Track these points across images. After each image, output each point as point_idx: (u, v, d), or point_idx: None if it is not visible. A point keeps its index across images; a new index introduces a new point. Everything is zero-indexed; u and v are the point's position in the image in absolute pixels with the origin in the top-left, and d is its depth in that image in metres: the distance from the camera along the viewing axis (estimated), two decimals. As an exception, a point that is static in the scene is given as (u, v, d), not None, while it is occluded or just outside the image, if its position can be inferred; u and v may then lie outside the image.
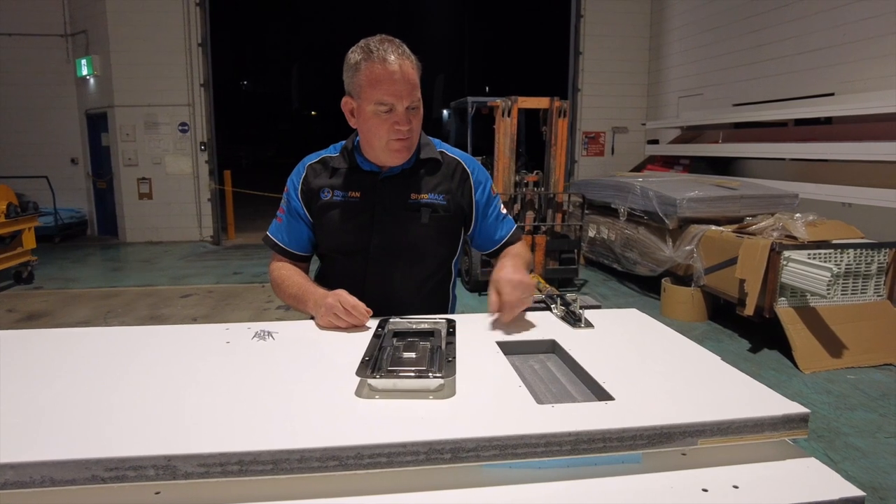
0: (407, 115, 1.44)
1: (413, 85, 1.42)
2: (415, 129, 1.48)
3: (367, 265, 1.56)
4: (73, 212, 9.77)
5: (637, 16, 9.84)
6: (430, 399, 0.94)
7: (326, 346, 1.25)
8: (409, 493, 0.78)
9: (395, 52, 1.40)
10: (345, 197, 1.57)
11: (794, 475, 0.84)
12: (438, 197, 1.57)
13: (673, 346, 1.25)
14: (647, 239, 5.73)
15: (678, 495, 0.79)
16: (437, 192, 1.57)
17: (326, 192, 1.58)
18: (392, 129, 1.44)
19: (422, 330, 1.30)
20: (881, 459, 2.72)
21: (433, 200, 1.56)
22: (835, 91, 6.16)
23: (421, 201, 1.55)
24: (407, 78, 1.40)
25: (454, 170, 1.62)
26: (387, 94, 1.40)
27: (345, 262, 1.58)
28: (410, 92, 1.42)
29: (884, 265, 4.16)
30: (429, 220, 1.55)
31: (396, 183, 1.56)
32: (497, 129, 5.73)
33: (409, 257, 1.57)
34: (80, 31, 9.31)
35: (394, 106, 1.42)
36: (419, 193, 1.56)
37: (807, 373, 3.77)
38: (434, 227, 1.57)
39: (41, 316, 5.28)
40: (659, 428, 0.84)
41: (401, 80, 1.39)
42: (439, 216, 1.57)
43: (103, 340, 1.26)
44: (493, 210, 1.67)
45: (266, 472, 0.76)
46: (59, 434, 0.81)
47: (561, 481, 0.81)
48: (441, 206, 1.57)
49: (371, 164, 1.56)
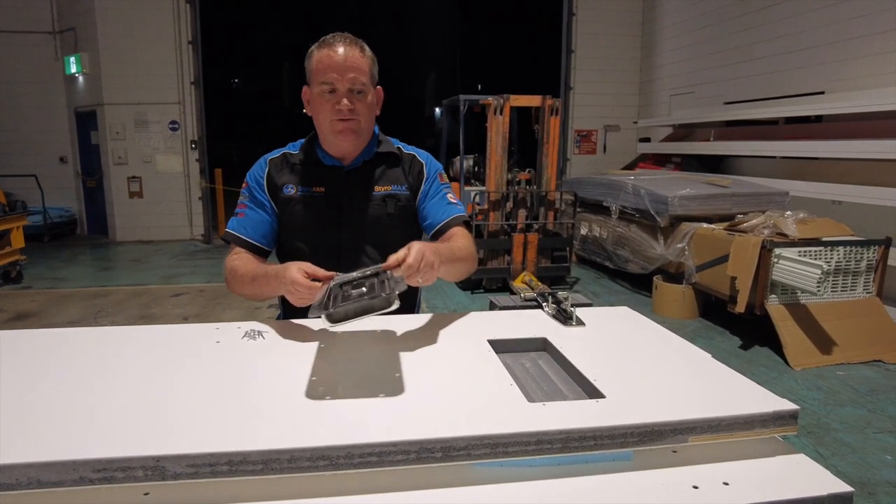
0: (349, 96, 1.49)
1: (356, 69, 1.48)
2: (359, 112, 1.51)
3: (339, 259, 1.55)
4: (63, 211, 9.68)
5: (629, 14, 9.87)
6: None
7: (314, 345, 1.25)
8: (399, 493, 0.77)
9: (343, 41, 1.49)
10: (309, 192, 1.60)
11: (784, 471, 0.84)
12: (401, 188, 1.64)
13: (664, 344, 1.25)
14: (639, 237, 5.74)
15: (669, 492, 0.79)
16: (398, 184, 1.64)
17: (290, 188, 1.61)
18: (333, 108, 1.49)
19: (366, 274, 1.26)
20: (870, 455, 2.74)
21: (396, 191, 1.63)
22: (825, 89, 6.20)
23: (385, 192, 1.61)
24: (350, 61, 1.47)
25: (411, 163, 1.68)
26: (328, 74, 1.47)
27: (315, 257, 1.51)
28: (351, 73, 1.47)
29: (873, 262, 4.19)
30: (395, 210, 1.61)
31: (360, 176, 1.61)
32: (489, 127, 5.73)
33: (379, 248, 1.59)
34: (69, 28, 9.22)
35: (335, 86, 1.48)
36: (382, 185, 1.62)
37: (797, 369, 3.80)
38: (399, 218, 1.63)
39: (30, 316, 5.23)
40: (650, 425, 0.84)
41: (342, 63, 1.46)
42: (403, 206, 1.63)
43: (92, 340, 1.25)
44: (437, 194, 1.68)
45: (256, 472, 0.75)
46: (46, 435, 0.80)
47: (552, 479, 0.81)
48: (404, 197, 1.64)
49: (333, 158, 1.60)
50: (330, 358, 1.17)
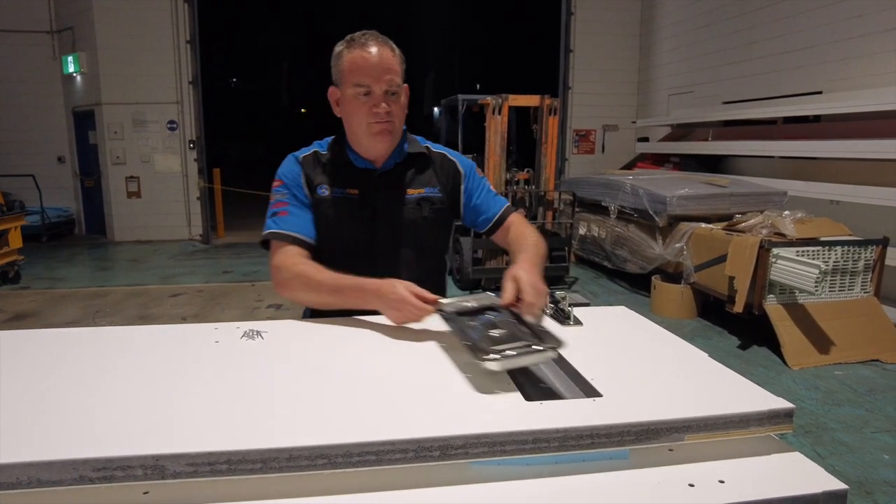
0: (385, 98, 1.47)
1: (391, 70, 1.46)
2: (395, 114, 1.50)
3: (374, 261, 1.54)
4: (61, 211, 9.67)
5: (627, 14, 9.88)
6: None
7: (315, 344, 1.25)
8: (397, 491, 0.78)
9: (374, 41, 1.46)
10: (343, 193, 1.57)
11: (779, 469, 0.85)
12: (434, 190, 1.62)
13: (661, 343, 1.26)
14: (637, 237, 5.75)
15: (665, 491, 0.79)
16: (431, 186, 1.62)
17: (323, 189, 1.56)
18: (370, 111, 1.47)
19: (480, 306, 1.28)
20: (867, 454, 2.76)
21: (430, 194, 1.61)
22: (823, 89, 6.21)
23: (419, 195, 1.59)
24: (384, 63, 1.45)
25: (442, 162, 1.66)
26: (364, 76, 1.45)
27: (348, 260, 1.49)
28: (387, 75, 1.45)
29: (870, 262, 4.20)
30: (429, 213, 1.59)
31: (393, 179, 1.59)
32: (488, 126, 5.74)
33: (414, 251, 1.59)
34: (67, 27, 9.22)
35: (371, 88, 1.46)
36: (415, 188, 1.60)
37: (795, 369, 3.81)
38: (434, 220, 1.61)
39: (28, 316, 5.23)
40: (646, 424, 0.85)
41: (378, 65, 1.44)
42: (437, 208, 1.61)
43: (92, 340, 1.25)
44: (482, 189, 1.69)
45: (255, 470, 0.76)
46: (46, 434, 0.80)
47: (549, 478, 0.82)
48: (437, 199, 1.62)
49: (365, 160, 1.57)
50: (328, 357, 1.18)
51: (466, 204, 1.67)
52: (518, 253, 1.51)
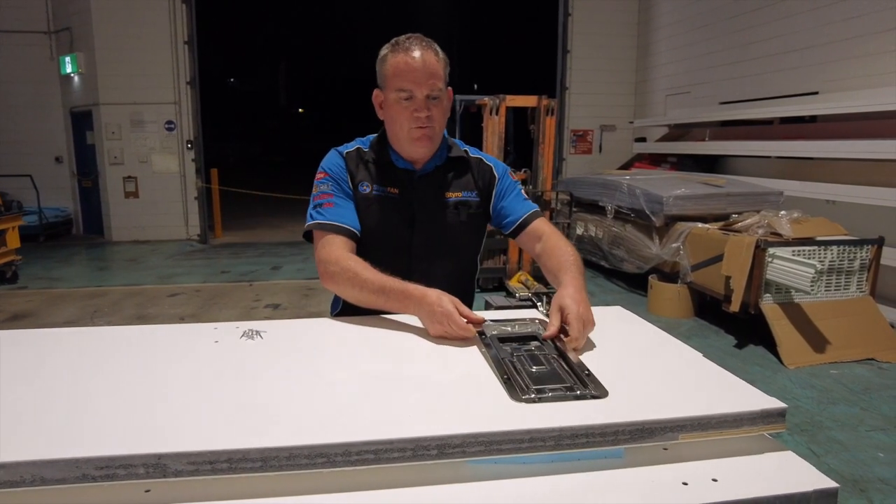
0: (426, 103, 1.48)
1: (433, 74, 1.47)
2: (435, 118, 1.51)
3: (410, 262, 1.56)
4: (58, 211, 9.67)
5: (624, 14, 9.90)
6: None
7: (314, 344, 1.26)
8: (396, 489, 0.79)
9: (419, 45, 1.47)
10: (384, 192, 1.59)
11: (772, 468, 0.86)
12: (471, 194, 1.64)
13: (655, 343, 1.27)
14: (635, 236, 5.77)
15: (659, 489, 0.81)
16: (468, 190, 1.64)
17: (365, 186, 1.59)
18: (412, 116, 1.48)
19: (523, 334, 1.25)
20: (862, 452, 2.77)
21: (467, 198, 1.64)
22: (819, 90, 6.24)
23: (456, 199, 1.62)
24: (427, 67, 1.46)
25: (479, 167, 1.68)
26: (406, 81, 1.46)
27: (386, 258, 1.49)
28: (429, 80, 1.46)
29: (866, 261, 4.22)
30: (466, 217, 1.63)
31: (432, 181, 1.61)
32: (485, 127, 5.74)
33: (449, 253, 1.61)
34: (64, 28, 9.21)
35: (413, 93, 1.46)
36: (453, 191, 1.62)
37: (791, 368, 3.83)
38: (470, 224, 1.64)
39: (26, 316, 5.23)
40: (641, 423, 0.86)
41: (420, 69, 1.45)
42: (472, 213, 1.64)
43: (93, 340, 1.26)
44: (512, 191, 1.69)
45: (255, 469, 0.77)
46: (48, 433, 0.81)
47: (545, 476, 0.83)
48: (474, 203, 1.64)
49: (406, 161, 1.59)
50: (328, 356, 1.19)
51: (495, 205, 1.68)
52: (560, 273, 1.46)
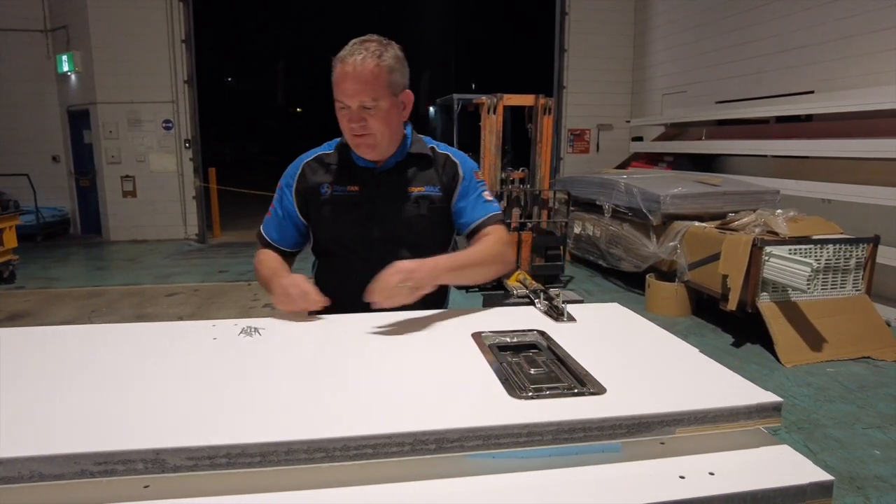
0: (360, 113, 1.48)
1: (365, 84, 1.45)
2: (372, 127, 1.50)
3: (371, 257, 1.55)
4: (56, 210, 9.64)
5: (621, 13, 9.91)
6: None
7: (312, 341, 1.27)
8: (394, 483, 0.79)
9: (359, 52, 1.45)
10: (343, 191, 1.62)
11: (768, 461, 0.87)
12: (434, 189, 1.64)
13: (652, 339, 1.27)
14: (632, 235, 5.78)
15: (656, 483, 0.81)
16: (431, 185, 1.64)
17: (325, 188, 1.63)
18: (348, 125, 1.51)
19: (521, 343, 1.27)
20: (858, 450, 2.78)
21: (429, 192, 1.64)
22: (815, 89, 6.25)
23: (418, 193, 1.62)
24: (359, 78, 1.44)
25: (444, 163, 1.67)
26: (340, 92, 1.48)
27: (346, 255, 1.61)
28: (361, 91, 1.45)
29: (862, 260, 4.23)
30: (427, 210, 1.62)
31: (392, 177, 1.63)
32: (483, 126, 5.75)
33: (410, 248, 1.60)
34: (61, 26, 9.18)
35: (345, 104, 1.48)
36: (416, 186, 1.63)
37: (788, 366, 3.84)
38: (431, 218, 1.64)
39: (23, 316, 5.22)
40: (638, 418, 0.87)
41: (352, 80, 1.44)
42: (436, 207, 1.64)
43: (91, 337, 1.26)
44: (473, 192, 1.67)
45: (254, 464, 0.77)
46: (47, 429, 0.81)
47: (543, 470, 0.83)
48: (437, 198, 1.64)
49: (366, 160, 1.61)
50: (326, 353, 1.19)
51: (455, 203, 1.67)
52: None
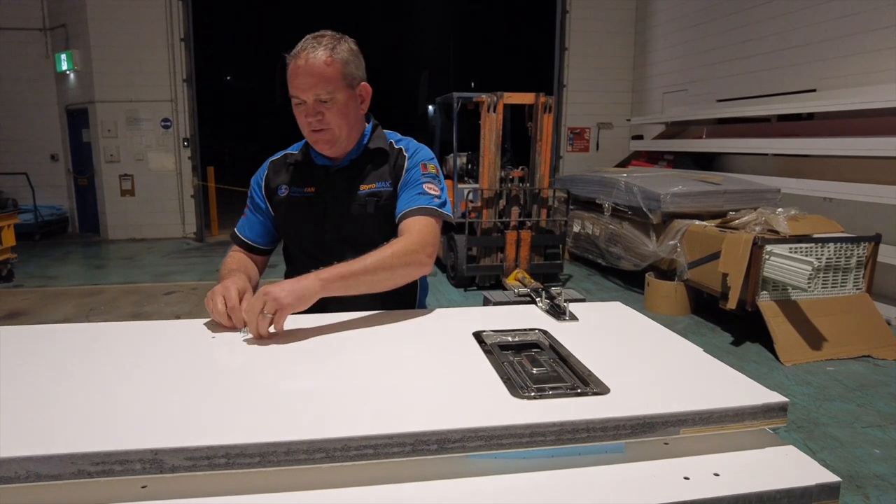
0: (315, 107, 1.47)
1: (319, 78, 1.44)
2: (329, 121, 1.49)
3: (324, 258, 1.50)
4: (54, 209, 9.63)
5: (622, 12, 9.90)
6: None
7: (311, 340, 1.25)
8: (395, 484, 0.78)
9: (311, 46, 1.44)
10: (300, 192, 1.62)
11: (774, 463, 0.86)
12: (385, 184, 1.60)
13: (656, 338, 1.26)
14: (631, 234, 5.77)
15: (660, 484, 0.80)
16: (382, 181, 1.61)
17: (283, 189, 1.64)
18: (305, 121, 1.50)
19: (523, 342, 1.24)
20: (858, 449, 2.78)
21: (379, 189, 1.60)
22: (817, 87, 6.24)
23: (368, 191, 1.59)
24: (312, 71, 1.43)
25: (397, 156, 1.64)
26: (294, 88, 1.47)
27: (304, 258, 1.58)
28: (315, 84, 1.45)
29: (863, 259, 4.23)
30: (374, 210, 1.58)
31: (346, 175, 1.61)
32: (483, 124, 5.74)
33: (362, 247, 1.47)
34: (60, 25, 9.17)
35: (300, 98, 1.47)
36: (366, 183, 1.60)
37: (788, 365, 3.83)
38: (380, 217, 1.59)
39: (21, 314, 5.21)
40: (642, 418, 0.85)
41: (305, 74, 1.44)
42: (384, 204, 1.59)
43: (88, 336, 1.25)
44: (413, 184, 1.58)
45: (253, 464, 0.76)
46: (44, 429, 0.80)
47: (545, 471, 0.82)
48: (385, 194, 1.60)
49: (324, 158, 1.60)
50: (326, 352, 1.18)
51: (398, 195, 1.60)
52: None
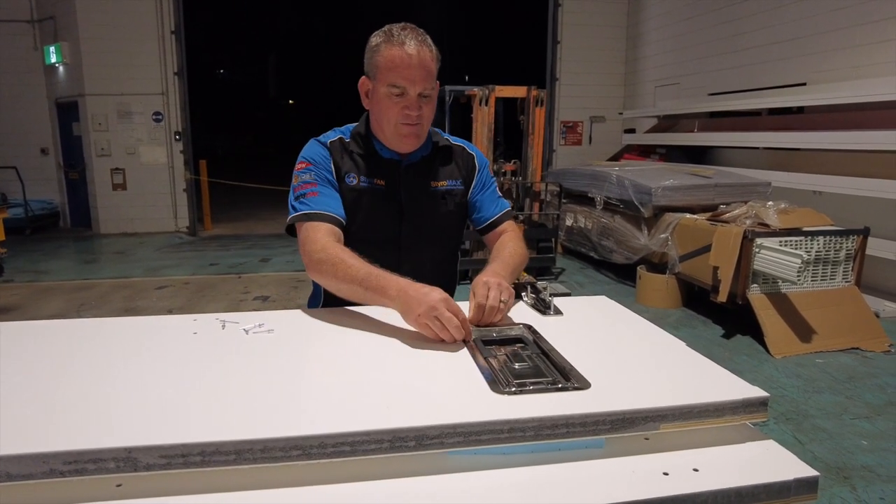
0: (418, 101, 1.45)
1: (428, 72, 1.44)
2: (425, 116, 1.49)
3: (399, 254, 1.55)
4: (45, 203, 9.56)
5: (614, 5, 9.87)
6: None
7: (291, 337, 1.25)
8: (373, 482, 0.78)
9: (414, 38, 1.42)
10: (371, 183, 1.55)
11: (753, 457, 0.86)
12: (456, 183, 1.64)
13: (639, 332, 1.26)
14: (623, 227, 5.78)
15: (640, 479, 0.80)
16: (453, 179, 1.64)
17: (352, 178, 1.55)
18: (402, 113, 1.45)
19: (506, 337, 1.23)
20: (846, 440, 2.80)
21: (452, 187, 1.63)
22: (807, 81, 6.26)
23: (443, 188, 1.61)
24: (423, 64, 1.42)
25: (462, 155, 1.67)
26: (400, 77, 1.42)
27: (375, 251, 1.43)
28: (424, 78, 1.43)
29: (851, 252, 4.25)
30: (453, 206, 1.63)
31: (418, 171, 1.59)
32: (475, 118, 5.73)
33: (438, 243, 1.61)
34: (48, 17, 9.06)
35: (406, 90, 1.43)
36: (439, 181, 1.61)
37: (778, 357, 3.85)
38: (457, 213, 1.64)
39: (11, 309, 5.18)
40: (621, 413, 0.85)
41: (416, 66, 1.41)
42: (458, 202, 1.64)
43: (63, 332, 1.24)
44: (489, 187, 1.70)
45: (229, 462, 0.75)
46: (14, 428, 0.79)
47: (525, 467, 0.82)
48: (459, 192, 1.64)
49: (391, 151, 1.56)
50: (306, 349, 1.17)
51: (472, 196, 1.68)
52: (490, 263, 1.49)
